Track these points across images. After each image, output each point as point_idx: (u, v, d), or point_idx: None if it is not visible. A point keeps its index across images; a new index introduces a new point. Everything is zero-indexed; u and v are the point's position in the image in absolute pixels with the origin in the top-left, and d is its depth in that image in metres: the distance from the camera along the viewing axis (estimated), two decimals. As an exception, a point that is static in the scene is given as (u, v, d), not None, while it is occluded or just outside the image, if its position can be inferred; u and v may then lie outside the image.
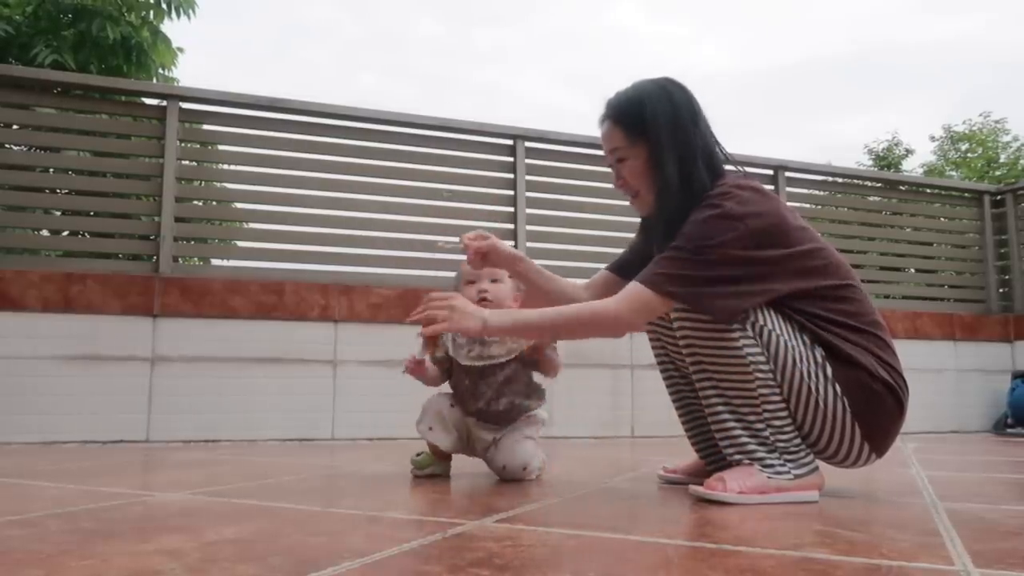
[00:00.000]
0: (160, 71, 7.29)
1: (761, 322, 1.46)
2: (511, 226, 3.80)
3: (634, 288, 1.46)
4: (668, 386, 1.79)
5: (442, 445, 1.84)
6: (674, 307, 1.48)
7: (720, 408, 1.49)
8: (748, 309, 1.45)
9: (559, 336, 1.64)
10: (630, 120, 1.57)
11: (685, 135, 1.53)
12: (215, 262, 3.98)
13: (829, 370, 1.46)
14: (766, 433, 1.47)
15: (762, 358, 1.45)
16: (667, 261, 1.44)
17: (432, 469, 1.85)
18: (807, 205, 4.76)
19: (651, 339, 1.76)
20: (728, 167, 1.61)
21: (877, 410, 1.47)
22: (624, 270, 1.78)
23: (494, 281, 1.85)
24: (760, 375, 1.45)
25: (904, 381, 1.50)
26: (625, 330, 1.50)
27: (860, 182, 5.02)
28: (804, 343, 1.47)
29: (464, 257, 1.78)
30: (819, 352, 1.47)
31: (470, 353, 1.80)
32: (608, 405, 3.68)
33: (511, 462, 1.80)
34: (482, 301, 1.80)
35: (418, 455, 1.86)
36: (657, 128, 1.54)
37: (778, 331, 1.47)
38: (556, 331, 1.56)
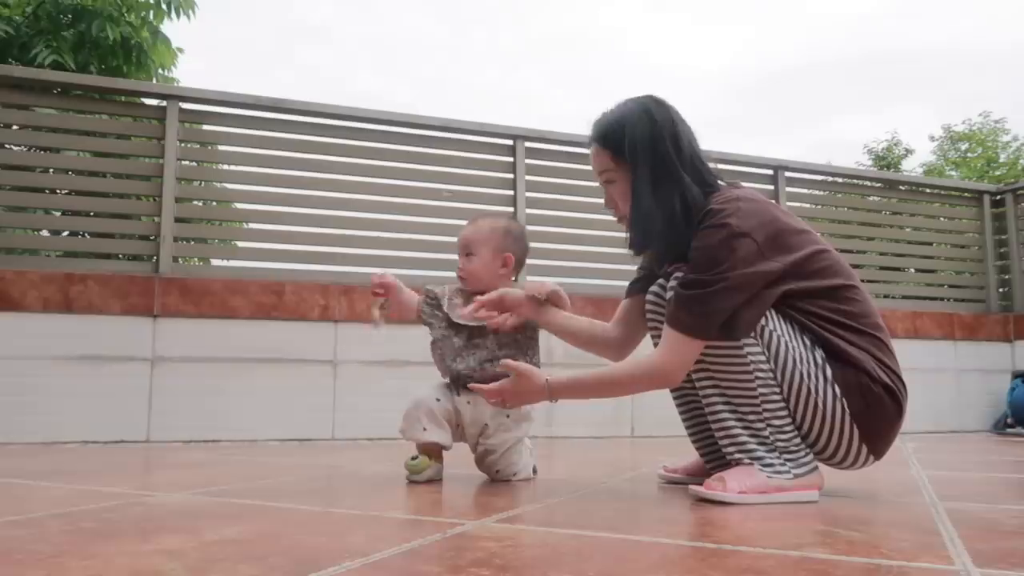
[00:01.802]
0: (160, 71, 7.29)
1: (763, 322, 1.47)
2: (511, 226, 3.79)
3: (672, 337, 1.47)
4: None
5: (442, 440, 1.79)
6: None
7: (721, 407, 1.49)
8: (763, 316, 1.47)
9: (616, 393, 1.68)
10: (613, 143, 1.59)
11: (665, 154, 1.54)
12: (215, 262, 3.98)
13: (829, 371, 1.46)
14: (766, 432, 1.47)
15: (762, 358, 1.46)
16: (692, 300, 1.44)
17: (430, 473, 1.78)
18: (807, 205, 4.76)
19: (653, 336, 1.76)
20: (714, 170, 1.63)
21: (876, 412, 1.47)
22: (639, 289, 1.80)
23: (469, 255, 1.83)
24: (761, 374, 1.46)
25: (903, 384, 1.51)
26: (676, 380, 1.53)
27: (860, 182, 5.02)
28: (805, 344, 1.48)
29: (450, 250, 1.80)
30: (819, 353, 1.47)
31: (464, 313, 1.78)
32: (608, 405, 3.67)
33: (504, 468, 1.80)
34: (460, 279, 1.84)
35: (413, 459, 1.79)
36: (636, 149, 1.55)
37: (779, 331, 1.47)
38: (613, 389, 1.64)
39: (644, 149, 1.55)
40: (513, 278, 1.88)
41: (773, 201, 1.81)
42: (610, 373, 1.59)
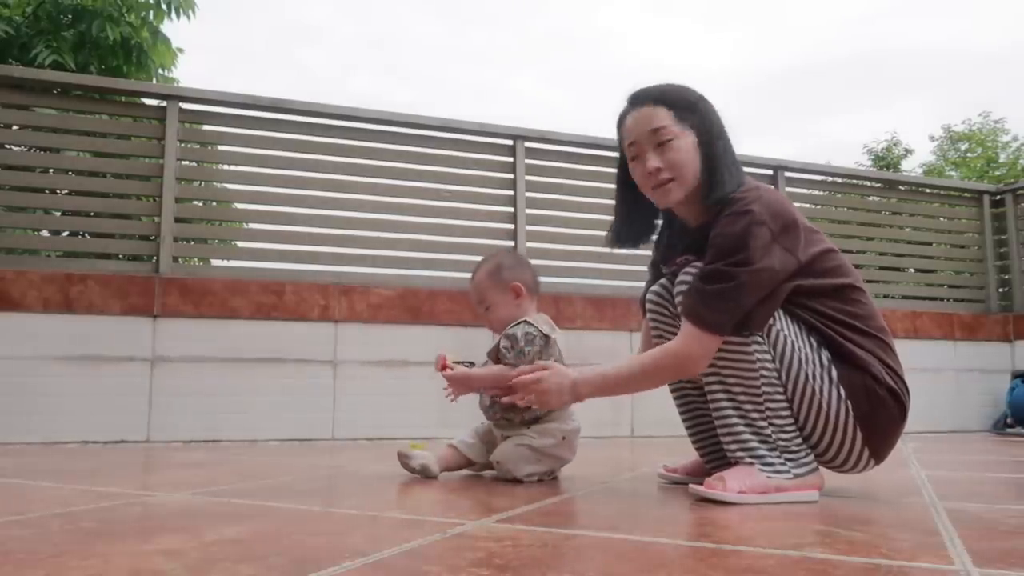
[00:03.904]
0: (160, 72, 7.29)
1: (770, 322, 1.47)
2: (511, 226, 3.80)
3: (689, 331, 1.46)
4: (672, 387, 1.79)
5: (461, 448, 1.90)
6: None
7: (724, 404, 1.50)
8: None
9: (642, 387, 1.63)
10: (680, 103, 1.54)
11: (721, 127, 1.57)
12: (215, 262, 3.98)
13: (834, 373, 1.46)
14: (768, 431, 1.47)
15: (768, 356, 1.46)
16: (712, 296, 1.43)
17: (421, 459, 1.83)
18: (807, 205, 4.76)
19: (655, 336, 1.76)
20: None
21: (880, 415, 1.47)
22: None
23: (486, 308, 1.90)
24: (765, 373, 1.46)
25: (907, 387, 1.51)
26: (700, 367, 1.49)
27: (859, 182, 5.02)
28: (811, 345, 1.48)
29: (465, 274, 1.87)
30: (825, 355, 1.47)
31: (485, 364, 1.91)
32: (608, 405, 3.67)
33: (503, 462, 1.80)
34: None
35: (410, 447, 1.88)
36: (708, 114, 1.56)
37: (786, 332, 1.48)
38: (638, 383, 1.60)
39: (714, 115, 1.57)
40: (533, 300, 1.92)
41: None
42: (635, 367, 1.57)
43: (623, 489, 1.73)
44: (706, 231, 1.50)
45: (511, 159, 3.86)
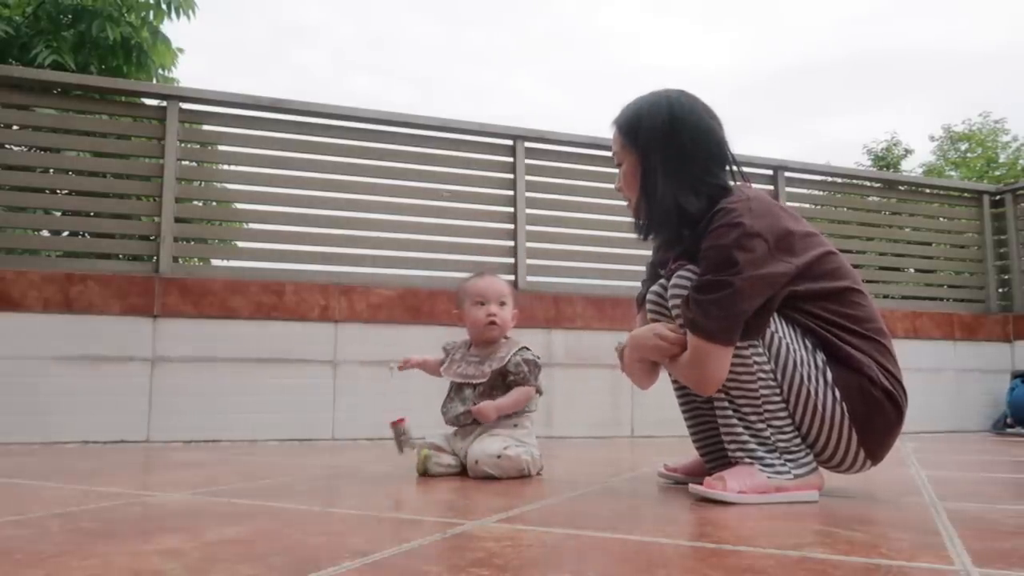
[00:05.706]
0: (160, 72, 7.29)
1: None
2: (511, 226, 3.80)
3: (698, 346, 1.46)
4: (675, 386, 1.79)
5: (436, 440, 1.96)
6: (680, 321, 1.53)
7: (724, 406, 1.50)
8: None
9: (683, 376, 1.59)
10: (627, 128, 1.62)
11: (677, 149, 1.55)
12: (215, 262, 3.98)
13: (830, 375, 1.46)
14: (767, 433, 1.47)
15: (764, 359, 1.46)
16: (711, 305, 1.43)
17: (427, 464, 1.89)
18: (807, 205, 4.76)
19: None
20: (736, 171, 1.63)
21: (875, 417, 1.47)
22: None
23: (502, 304, 1.96)
24: (763, 376, 1.46)
25: (904, 390, 1.51)
26: (719, 383, 1.47)
27: (859, 182, 5.03)
28: (806, 347, 1.48)
29: (464, 274, 1.89)
30: (820, 356, 1.48)
31: (457, 370, 1.99)
32: (608, 405, 3.68)
33: (481, 455, 1.83)
34: (491, 324, 1.95)
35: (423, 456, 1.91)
36: (647, 139, 1.58)
37: (781, 334, 1.48)
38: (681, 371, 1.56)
39: (655, 140, 1.57)
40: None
41: (782, 203, 1.81)
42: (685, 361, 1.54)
43: (623, 489, 1.74)
44: (698, 238, 1.51)
45: (511, 159, 3.86)
